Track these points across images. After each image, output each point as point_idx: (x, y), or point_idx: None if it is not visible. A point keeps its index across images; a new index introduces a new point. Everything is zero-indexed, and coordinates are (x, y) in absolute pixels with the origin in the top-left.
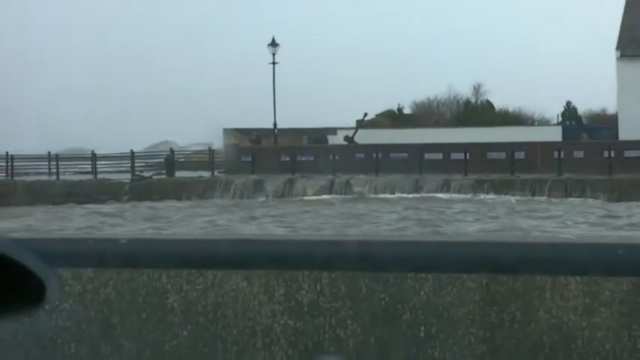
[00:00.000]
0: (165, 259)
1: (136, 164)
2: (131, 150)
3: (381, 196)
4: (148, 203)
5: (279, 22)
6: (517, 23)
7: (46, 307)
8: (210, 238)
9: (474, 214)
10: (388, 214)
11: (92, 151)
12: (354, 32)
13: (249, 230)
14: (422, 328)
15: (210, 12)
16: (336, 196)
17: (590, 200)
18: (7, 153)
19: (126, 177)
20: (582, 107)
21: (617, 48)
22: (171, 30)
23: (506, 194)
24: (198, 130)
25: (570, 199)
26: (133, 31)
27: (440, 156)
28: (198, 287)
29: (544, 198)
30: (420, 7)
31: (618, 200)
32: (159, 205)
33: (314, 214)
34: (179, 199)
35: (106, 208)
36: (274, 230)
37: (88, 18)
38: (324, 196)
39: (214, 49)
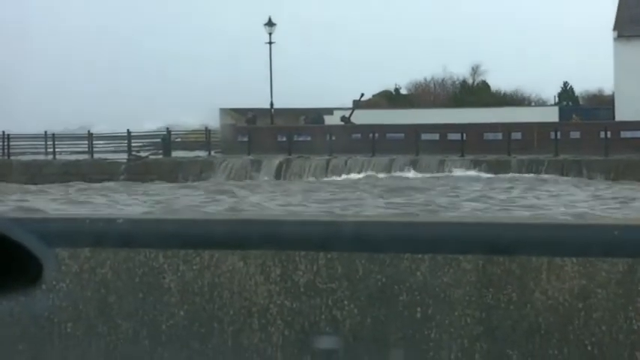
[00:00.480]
0: (161, 239)
1: (133, 144)
2: (127, 130)
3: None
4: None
5: (276, 2)
6: (514, 4)
7: (43, 286)
8: (206, 218)
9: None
10: None
11: (88, 131)
12: (350, 12)
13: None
14: (418, 309)
15: None
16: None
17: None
18: (3, 132)
19: (122, 157)
20: (579, 88)
21: (615, 28)
22: (166, 10)
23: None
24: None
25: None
26: (130, 11)
27: (437, 136)
28: (194, 267)
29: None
30: None
31: (614, 180)
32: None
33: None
34: (175, 179)
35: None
36: None
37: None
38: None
39: (212, 29)
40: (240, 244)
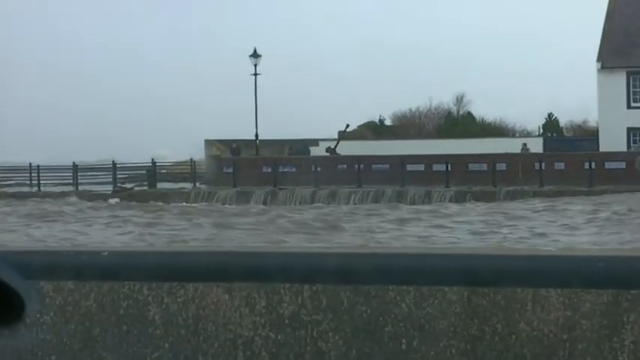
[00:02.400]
0: (145, 272)
1: (118, 176)
2: (113, 161)
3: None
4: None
5: (261, 35)
6: (498, 35)
7: (27, 320)
8: (190, 251)
9: None
10: None
11: (73, 163)
12: (335, 44)
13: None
14: (403, 341)
15: (192, 24)
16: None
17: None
18: None
19: (108, 189)
20: (564, 119)
21: (598, 60)
22: (152, 43)
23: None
24: (181, 141)
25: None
26: (112, 46)
27: (422, 167)
28: (179, 300)
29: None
30: (402, 19)
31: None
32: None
33: None
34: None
35: None
36: None
37: (68, 35)
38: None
39: (198, 61)
40: (223, 277)
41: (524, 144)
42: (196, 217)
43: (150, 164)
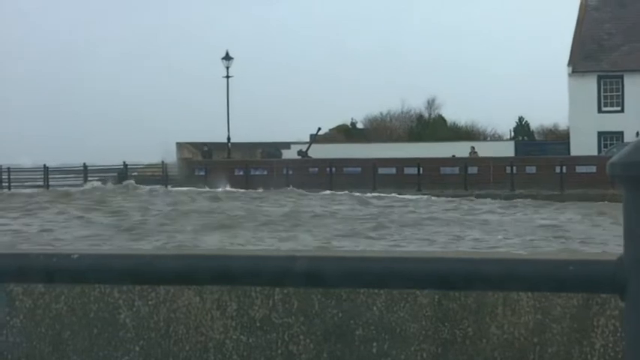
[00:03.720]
0: (115, 275)
1: (89, 178)
2: (84, 164)
3: None
4: None
5: (234, 37)
6: (470, 39)
7: None
8: (160, 254)
9: None
10: None
11: (44, 165)
12: (306, 47)
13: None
14: (374, 344)
15: (164, 26)
16: None
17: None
18: None
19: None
20: (535, 123)
21: (569, 64)
22: (123, 44)
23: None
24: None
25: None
26: (83, 47)
27: (393, 171)
28: (150, 303)
29: None
30: (374, 23)
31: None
32: None
33: None
34: None
35: None
36: None
37: (37, 38)
38: None
39: (170, 63)
40: (192, 280)
41: (473, 147)
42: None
43: (121, 166)
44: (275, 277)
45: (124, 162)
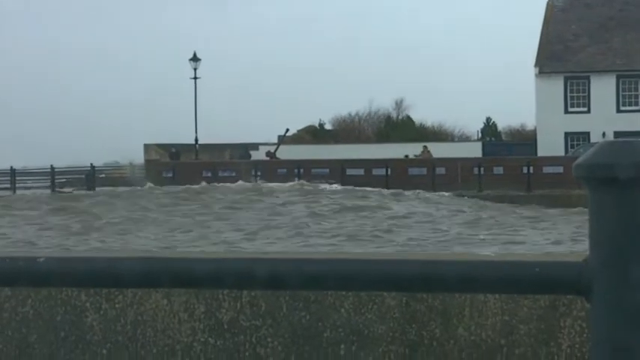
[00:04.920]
0: (82, 278)
1: (57, 180)
2: (51, 165)
3: None
4: None
5: (201, 38)
6: (438, 39)
7: None
8: (126, 257)
9: None
10: None
11: (11, 167)
12: (274, 48)
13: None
14: (342, 346)
15: (131, 26)
16: None
17: None
18: None
19: (46, 193)
20: (502, 123)
21: (536, 65)
22: (88, 44)
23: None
24: (120, 145)
25: None
26: (49, 47)
27: (361, 171)
28: (117, 306)
29: None
30: (340, 21)
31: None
32: None
33: None
34: None
35: None
36: None
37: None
38: None
39: (137, 64)
40: (155, 283)
41: (425, 146)
42: None
43: (89, 168)
44: (237, 280)
45: (92, 164)
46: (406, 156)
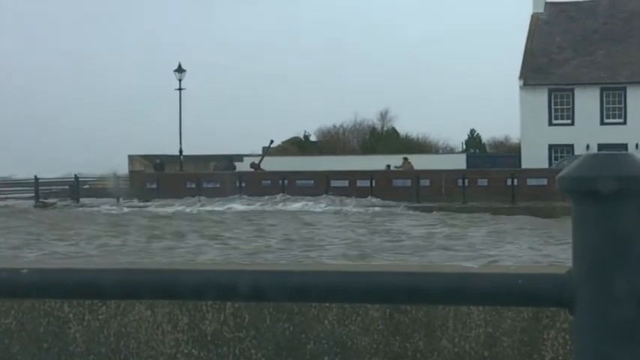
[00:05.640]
0: (65, 290)
1: (41, 191)
2: (35, 176)
3: None
4: None
5: (186, 49)
6: (423, 51)
7: None
8: (110, 268)
9: None
10: None
11: None
12: (259, 59)
13: None
14: (326, 358)
15: (115, 37)
16: None
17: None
18: None
19: (29, 204)
20: (486, 135)
21: (520, 77)
22: (73, 54)
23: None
24: (104, 156)
25: None
26: (33, 56)
27: (346, 183)
28: (100, 317)
29: None
30: (325, 32)
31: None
32: None
33: None
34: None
35: None
36: None
37: None
38: None
39: (121, 75)
40: (137, 295)
41: (405, 158)
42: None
43: (72, 179)
44: (220, 292)
45: (76, 175)
46: (388, 166)
